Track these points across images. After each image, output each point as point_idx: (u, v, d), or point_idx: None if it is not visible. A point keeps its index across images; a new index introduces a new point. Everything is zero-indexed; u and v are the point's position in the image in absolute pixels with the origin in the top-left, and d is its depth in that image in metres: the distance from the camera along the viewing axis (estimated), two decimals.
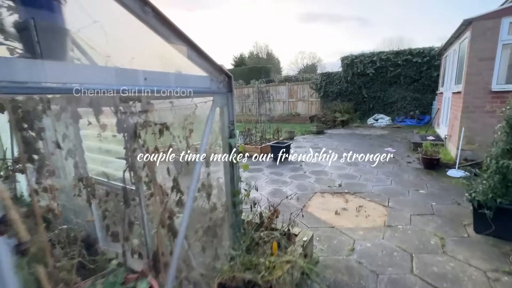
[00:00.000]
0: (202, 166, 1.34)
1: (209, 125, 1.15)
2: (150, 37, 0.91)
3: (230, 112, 1.30)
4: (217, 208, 1.41)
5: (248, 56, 46.88)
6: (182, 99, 1.26)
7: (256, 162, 6.02)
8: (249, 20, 69.85)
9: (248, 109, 16.90)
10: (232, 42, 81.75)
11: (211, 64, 1.11)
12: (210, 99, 1.18)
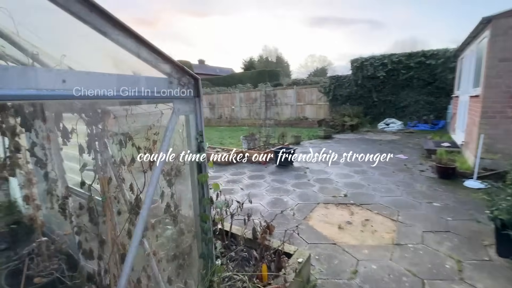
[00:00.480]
0: (165, 185, 1.14)
1: (168, 137, 0.95)
2: (86, 31, 0.73)
3: (198, 121, 1.10)
4: (184, 233, 1.21)
5: (257, 60, 46.94)
6: (147, 105, 1.08)
7: (258, 168, 5.79)
8: (260, 25, 70.15)
9: (255, 113, 16.72)
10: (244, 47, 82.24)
11: (168, 63, 0.92)
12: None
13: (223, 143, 9.89)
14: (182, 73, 0.99)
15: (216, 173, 5.54)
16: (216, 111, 18.60)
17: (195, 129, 1.10)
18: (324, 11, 69.01)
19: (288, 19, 69.04)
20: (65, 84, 0.68)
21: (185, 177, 1.20)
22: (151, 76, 0.89)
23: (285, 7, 67.13)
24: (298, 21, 70.80)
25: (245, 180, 4.99)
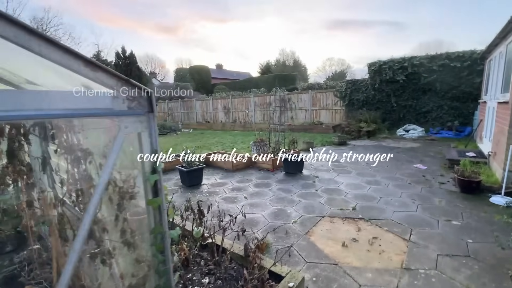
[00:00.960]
0: (114, 209, 1.03)
1: (112, 158, 0.85)
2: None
3: (152, 139, 0.98)
4: (137, 263, 1.09)
5: (274, 64, 46.92)
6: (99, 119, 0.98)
7: (265, 176, 5.63)
8: (278, 29, 70.32)
9: (269, 117, 16.60)
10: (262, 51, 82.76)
11: (113, 77, 0.82)
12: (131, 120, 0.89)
13: (235, 148, 9.83)
14: (129, 86, 0.88)
15: (222, 180, 5.45)
16: (230, 115, 18.69)
17: (149, 148, 0.99)
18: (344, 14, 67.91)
19: (307, 23, 68.66)
20: None
21: (138, 202, 1.09)
22: (85, 91, 0.79)
23: (304, 11, 66.82)
24: (317, 24, 70.17)
25: (250, 188, 4.85)
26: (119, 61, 17.57)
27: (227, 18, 71.47)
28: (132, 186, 1.01)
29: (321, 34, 71.45)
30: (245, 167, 6.41)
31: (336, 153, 7.91)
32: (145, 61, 46.17)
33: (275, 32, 74.28)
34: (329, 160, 6.96)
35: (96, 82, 0.80)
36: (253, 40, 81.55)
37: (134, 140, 0.96)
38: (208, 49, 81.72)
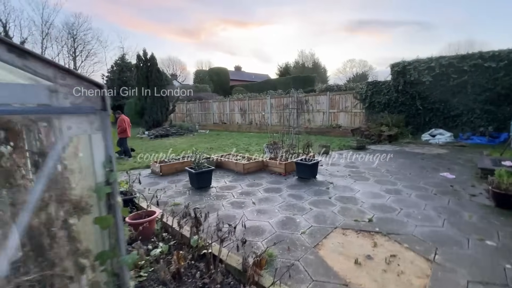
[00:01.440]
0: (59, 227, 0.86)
1: (50, 166, 0.69)
2: None
3: (107, 143, 0.81)
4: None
5: (293, 66, 46.46)
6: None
7: (276, 180, 5.39)
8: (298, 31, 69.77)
9: (286, 119, 16.31)
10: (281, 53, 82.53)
11: (50, 66, 0.65)
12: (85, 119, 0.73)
13: (249, 150, 9.68)
14: (75, 79, 0.71)
15: (232, 183, 5.29)
16: (247, 117, 18.62)
17: (102, 153, 0.82)
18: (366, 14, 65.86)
19: (327, 24, 67.41)
20: None
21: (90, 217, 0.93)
22: (9, 83, 0.63)
23: (324, 12, 65.72)
24: (337, 25, 68.70)
25: (259, 193, 4.64)
26: (140, 63, 18.09)
27: (247, 21, 72.05)
28: (80, 202, 0.85)
29: (341, 35, 69.84)
30: (256, 170, 6.22)
31: (354, 158, 7.49)
32: (167, 63, 47.66)
33: (294, 34, 73.69)
34: (346, 165, 6.58)
35: (27, 71, 0.64)
36: (272, 42, 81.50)
37: (86, 143, 0.80)
38: (228, 51, 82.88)
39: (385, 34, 66.01)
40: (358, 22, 67.01)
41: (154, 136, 15.63)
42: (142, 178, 5.94)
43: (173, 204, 4.18)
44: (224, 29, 73.76)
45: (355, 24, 67.03)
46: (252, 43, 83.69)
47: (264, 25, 72.97)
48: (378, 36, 67.07)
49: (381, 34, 66.25)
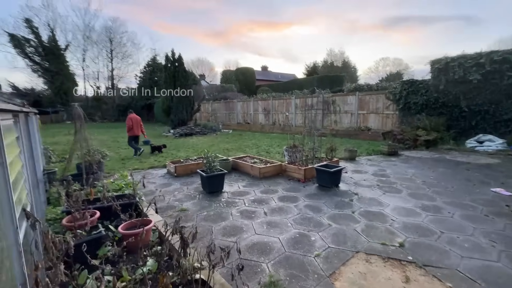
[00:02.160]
0: None
1: None
2: None
3: None
4: None
5: (321, 65, 45.01)
6: None
7: (294, 188, 4.93)
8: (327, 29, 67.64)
9: (311, 120, 15.60)
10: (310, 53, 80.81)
11: None
12: None
13: (269, 152, 9.29)
14: None
15: (246, 188, 4.94)
16: (270, 117, 18.21)
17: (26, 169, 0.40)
18: (401, 10, 61.65)
19: (359, 22, 64.26)
20: None
21: None
22: None
23: (356, 10, 62.80)
24: (370, 23, 65.18)
25: (273, 201, 4.22)
26: (168, 63, 18.56)
27: (275, 22, 71.41)
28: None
29: (374, 33, 66.13)
30: (273, 175, 5.80)
31: (384, 165, 6.73)
32: (197, 64, 49.01)
33: (324, 33, 71.38)
34: (375, 173, 5.89)
35: None
36: (300, 42, 79.92)
37: None
38: (256, 52, 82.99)
39: (423, 31, 61.27)
40: (392, 19, 63.19)
41: (179, 134, 15.89)
42: (157, 178, 5.87)
43: (180, 209, 3.93)
44: (252, 30, 73.90)
45: (389, 22, 63.16)
46: (280, 44, 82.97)
47: (292, 25, 71.78)
48: (414, 33, 62.52)
49: (417, 31, 61.65)
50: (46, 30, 30.98)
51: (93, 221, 2.81)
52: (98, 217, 2.91)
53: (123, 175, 4.59)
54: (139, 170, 6.89)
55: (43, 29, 30.69)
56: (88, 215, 2.80)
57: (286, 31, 74.60)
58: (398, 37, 65.62)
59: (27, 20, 29.55)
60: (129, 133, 9.11)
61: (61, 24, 32.23)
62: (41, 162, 4.75)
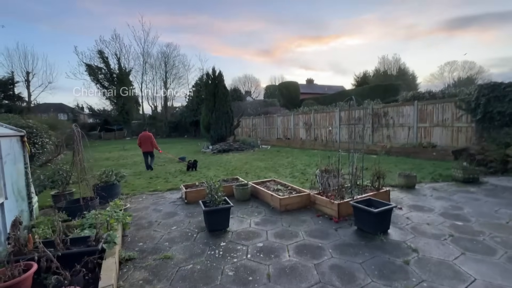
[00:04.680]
0: None
1: None
2: None
3: None
4: None
5: (372, 75, 41.45)
6: None
7: (321, 230, 3.63)
8: (380, 38, 63.15)
9: (358, 135, 13.65)
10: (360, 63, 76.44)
11: None
12: None
13: (305, 173, 8.03)
14: None
15: (258, 227, 3.85)
16: (312, 132, 16.75)
17: None
18: (467, 9, 53.75)
19: (417, 27, 58.15)
20: None
21: None
22: None
23: (412, 15, 57.26)
24: (429, 27, 58.37)
25: (287, 254, 3.04)
26: (209, 80, 18.95)
27: (322, 35, 69.85)
28: None
29: (436, 36, 58.88)
30: (299, 207, 4.59)
31: (459, 198, 4.86)
32: (243, 81, 50.38)
33: (375, 42, 66.57)
34: (444, 212, 4.17)
35: None
36: (349, 53, 76.16)
37: None
38: (303, 66, 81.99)
39: (501, 29, 52.02)
40: (459, 20, 55.53)
41: (217, 150, 15.65)
42: (166, 205, 5.23)
43: (163, 256, 3.07)
44: (299, 45, 73.46)
45: (455, 23, 55.62)
46: (328, 56, 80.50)
47: (340, 37, 69.08)
48: (489, 33, 53.50)
49: (493, 30, 52.59)
50: (113, 59, 35.67)
51: (25, 279, 2.12)
52: (33, 272, 2.21)
53: (116, 203, 4.02)
54: (157, 192, 6.42)
55: (111, 58, 35.44)
56: (21, 269, 2.14)
57: (333, 44, 72.05)
58: (468, 38, 57.12)
59: (99, 51, 34.56)
60: (141, 149, 10.04)
61: (125, 53, 36.66)
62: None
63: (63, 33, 54.39)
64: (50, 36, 53.18)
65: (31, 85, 33.12)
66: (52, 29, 52.74)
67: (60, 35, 54.74)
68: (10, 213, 2.99)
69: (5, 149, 2.96)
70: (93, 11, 52.09)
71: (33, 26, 51.63)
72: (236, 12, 63.20)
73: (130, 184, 7.41)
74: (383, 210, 3.38)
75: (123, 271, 2.77)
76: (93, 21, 53.09)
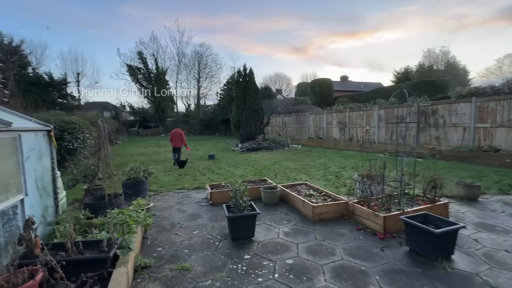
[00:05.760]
0: None
1: None
2: None
3: None
4: None
5: (415, 70, 37.95)
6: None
7: (364, 249, 3.03)
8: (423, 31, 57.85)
9: (400, 136, 12.32)
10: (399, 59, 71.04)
11: None
12: None
13: (340, 176, 7.35)
14: None
15: (287, 238, 3.38)
16: (346, 132, 15.66)
17: None
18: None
19: (470, 17, 51.85)
20: None
21: None
22: None
23: (464, 4, 51.20)
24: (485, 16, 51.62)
25: (322, 277, 2.52)
26: (240, 78, 18.79)
27: (358, 30, 65.96)
28: None
29: (492, 26, 51.90)
30: (334, 217, 4.01)
31: None
32: (274, 79, 49.77)
33: (418, 36, 60.90)
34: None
35: None
36: (388, 48, 70.90)
37: None
38: (336, 63, 78.40)
39: None
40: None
41: (246, 149, 15.42)
42: (191, 205, 5.01)
43: (181, 266, 2.76)
44: (333, 42, 70.16)
45: None
46: (363, 52, 75.93)
47: (377, 31, 64.51)
48: None
49: None
50: (151, 59, 37.53)
51: None
52: (39, 280, 2.02)
53: (139, 202, 3.85)
54: (183, 191, 6.28)
55: (149, 59, 37.34)
56: (26, 276, 1.95)
57: (370, 39, 67.45)
58: None
59: (139, 53, 36.61)
60: (172, 145, 10.56)
61: (161, 54, 38.35)
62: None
63: (108, 37, 58.84)
64: (96, 40, 57.93)
65: (81, 85, 36.39)
66: (99, 34, 57.35)
67: (105, 39, 59.33)
68: (32, 209, 2.91)
69: (27, 144, 2.89)
70: (134, 16, 55.55)
71: (83, 31, 56.67)
72: (269, 10, 62.53)
73: (159, 181, 7.42)
74: (447, 231, 2.68)
75: (136, 281, 2.51)
76: (134, 24, 56.65)
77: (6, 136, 2.53)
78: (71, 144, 9.35)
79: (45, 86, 28.67)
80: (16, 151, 2.64)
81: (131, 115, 44.84)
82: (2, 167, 2.45)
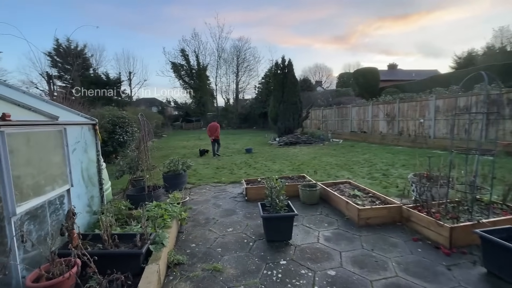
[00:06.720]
0: None
1: None
2: None
3: None
4: None
5: (482, 53, 32.70)
6: None
7: (424, 266, 2.52)
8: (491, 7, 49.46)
9: (463, 129, 10.64)
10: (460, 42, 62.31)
11: None
12: None
13: (388, 175, 6.62)
14: None
15: (329, 244, 3.02)
16: (395, 125, 14.17)
17: None
18: None
19: None
20: None
21: None
22: None
23: None
24: None
25: None
26: (278, 70, 18.32)
27: (408, 14, 59.31)
28: None
29: None
30: (384, 222, 3.49)
31: None
32: (314, 71, 47.90)
33: (486, 14, 52.14)
34: None
35: None
36: (445, 31, 62.44)
37: None
38: (383, 51, 72.06)
39: None
40: None
41: (284, 143, 15.08)
42: (227, 200, 4.93)
43: (213, 267, 2.62)
44: (379, 27, 64.30)
45: None
46: (415, 37, 68.32)
47: (433, 12, 57.06)
48: None
49: None
50: (193, 56, 39.05)
51: (64, 281, 1.96)
52: (76, 272, 2.04)
53: (175, 196, 3.85)
54: (220, 184, 6.27)
55: (190, 56, 38.89)
56: (64, 267, 1.99)
57: (423, 22, 60.08)
58: None
59: (182, 50, 38.36)
60: (210, 138, 11.49)
61: (202, 50, 39.58)
62: None
63: (154, 37, 62.90)
64: (145, 40, 62.44)
65: (132, 83, 39.70)
66: (146, 34, 61.66)
67: (152, 39, 63.53)
68: (78, 200, 3.06)
69: (73, 136, 3.02)
70: (178, 15, 58.31)
71: (133, 33, 61.52)
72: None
73: (198, 173, 7.57)
74: None
75: (168, 279, 2.45)
76: (177, 23, 59.49)
77: (53, 130, 2.64)
78: (121, 137, 10.11)
79: (103, 84, 31.94)
80: (62, 144, 2.76)
81: (175, 110, 47.61)
82: (49, 158, 2.57)
